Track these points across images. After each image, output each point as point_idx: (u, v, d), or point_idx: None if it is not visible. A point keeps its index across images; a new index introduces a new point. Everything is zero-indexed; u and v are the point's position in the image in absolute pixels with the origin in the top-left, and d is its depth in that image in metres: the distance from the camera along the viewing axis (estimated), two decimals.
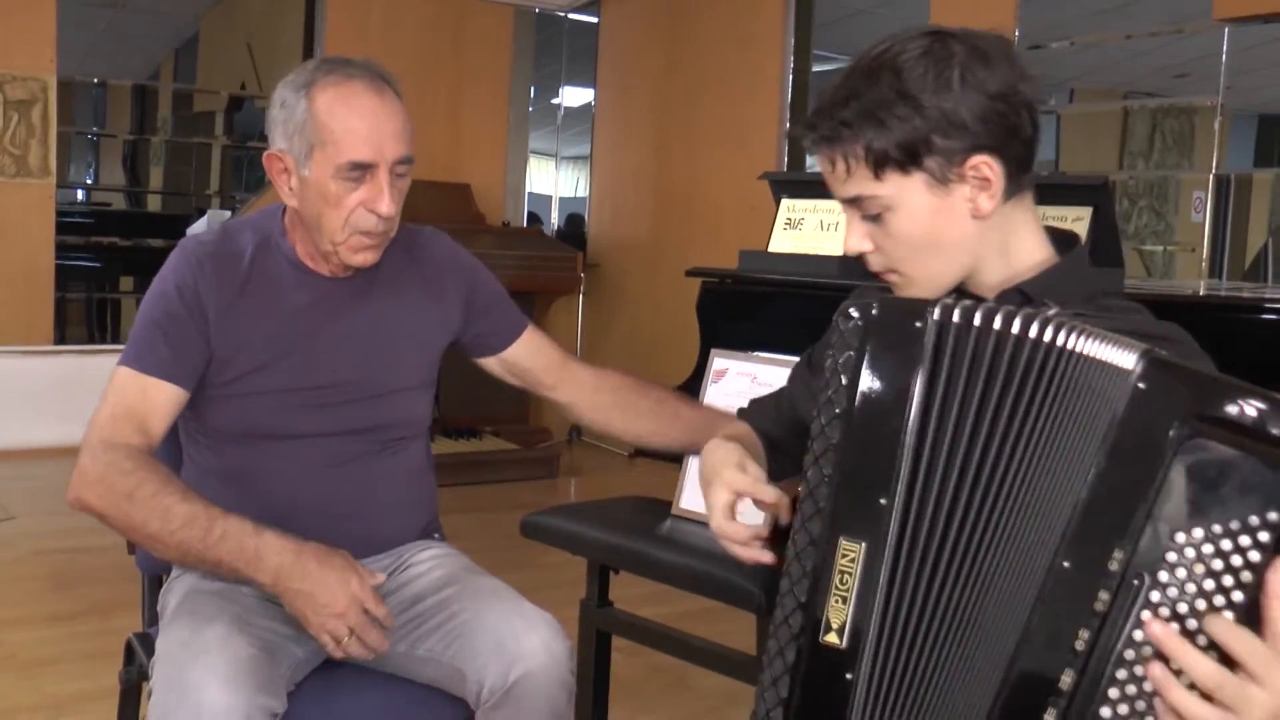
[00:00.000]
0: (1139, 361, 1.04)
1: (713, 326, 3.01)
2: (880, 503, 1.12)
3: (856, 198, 1.30)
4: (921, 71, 1.23)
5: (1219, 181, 4.51)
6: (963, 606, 1.10)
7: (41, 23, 5.90)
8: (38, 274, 6.00)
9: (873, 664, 1.13)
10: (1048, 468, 1.07)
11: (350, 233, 1.81)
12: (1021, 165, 1.28)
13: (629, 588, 2.51)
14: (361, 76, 1.79)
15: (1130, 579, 1.01)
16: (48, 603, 3.94)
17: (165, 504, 1.69)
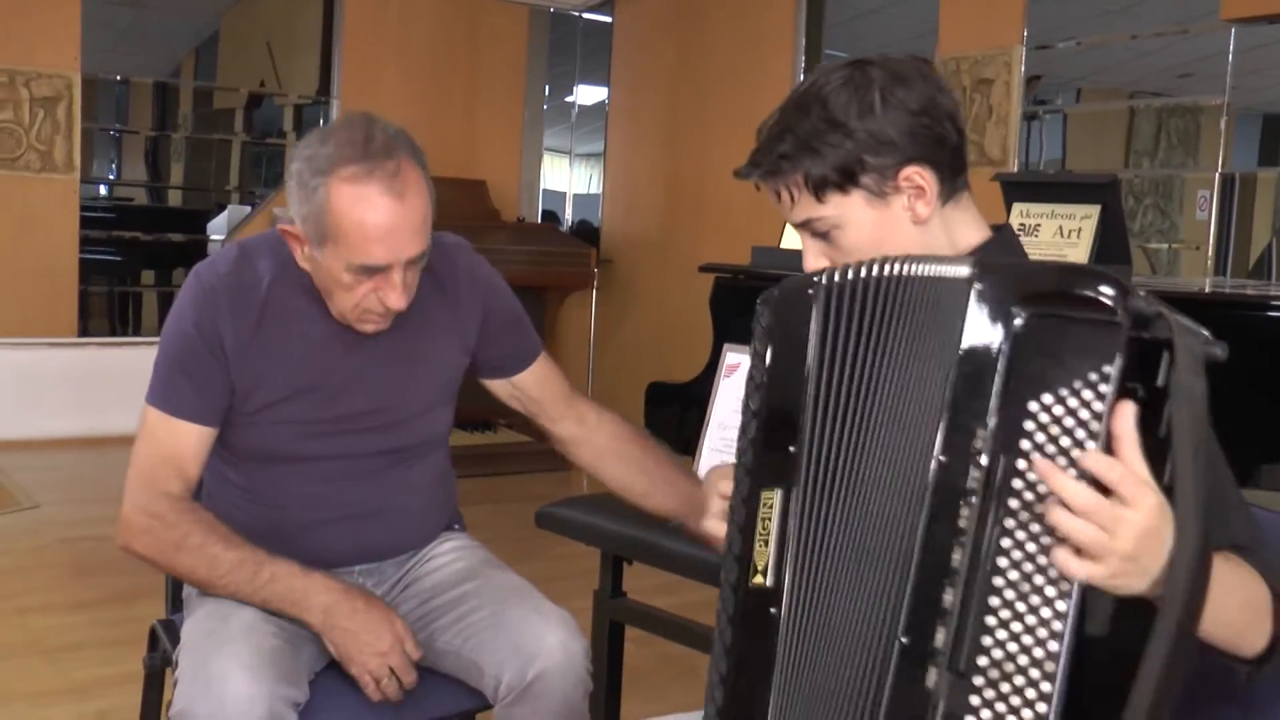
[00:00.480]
0: (972, 269, 1.14)
1: (725, 321, 3.01)
2: (790, 450, 1.21)
3: (805, 221, 1.38)
4: (845, 99, 1.32)
5: (1224, 180, 4.50)
6: (860, 520, 1.17)
7: (66, 21, 5.92)
8: (62, 268, 6.02)
9: (791, 596, 1.20)
10: (917, 380, 1.15)
11: (360, 311, 1.77)
12: (953, 169, 1.36)
13: (642, 578, 2.51)
14: (382, 172, 1.68)
15: (997, 454, 1.08)
16: (71, 590, 3.96)
17: (212, 553, 1.73)
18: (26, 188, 5.89)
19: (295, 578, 1.74)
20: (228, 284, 1.82)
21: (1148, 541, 1.02)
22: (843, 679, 1.15)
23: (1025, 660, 1.05)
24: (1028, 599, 1.05)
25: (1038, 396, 1.06)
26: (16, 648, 3.39)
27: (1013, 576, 1.06)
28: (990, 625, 1.06)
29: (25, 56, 5.84)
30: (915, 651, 1.10)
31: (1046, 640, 1.04)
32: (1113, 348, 1.03)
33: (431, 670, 1.84)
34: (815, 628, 1.17)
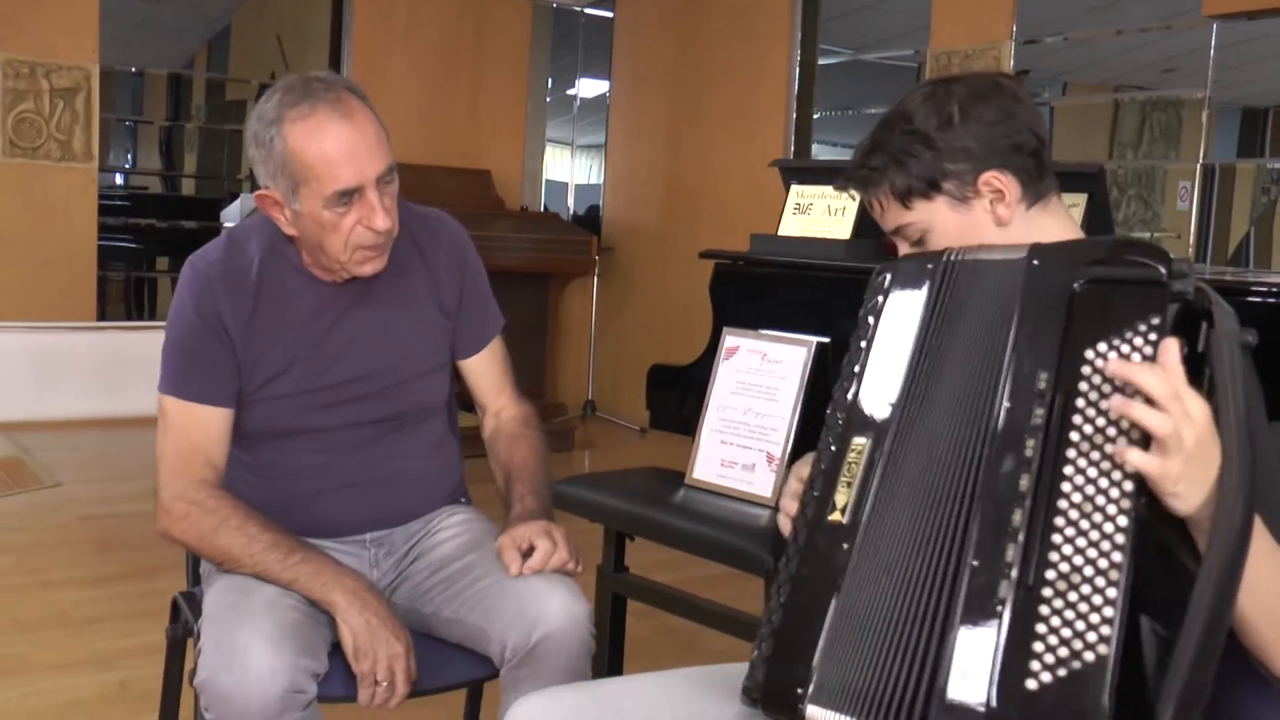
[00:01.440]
0: (1028, 251, 1.26)
1: (725, 306, 3.01)
2: (887, 405, 1.29)
3: (897, 228, 1.46)
4: (926, 113, 1.40)
5: (1205, 171, 4.50)
6: (932, 465, 1.22)
7: (84, 15, 5.91)
8: (81, 254, 6.02)
9: (865, 532, 1.24)
10: (986, 343, 1.24)
11: (353, 250, 1.79)
12: (1035, 174, 1.41)
13: (644, 555, 2.52)
14: (325, 102, 1.72)
15: (1057, 394, 1.16)
16: (93, 565, 3.96)
17: (250, 532, 1.76)
18: (47, 176, 5.89)
19: (326, 563, 1.75)
20: (221, 270, 1.85)
21: (1203, 448, 1.07)
22: (899, 605, 1.18)
23: (1091, 571, 1.09)
24: (1090, 517, 1.10)
25: (1094, 345, 1.15)
26: (42, 620, 3.40)
27: (1076, 499, 1.12)
28: (1056, 543, 1.11)
29: (46, 49, 5.83)
30: (985, 571, 1.14)
31: (1111, 553, 1.08)
32: (1160, 303, 1.13)
33: (442, 641, 1.85)
34: (879, 559, 1.21)
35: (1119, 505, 1.10)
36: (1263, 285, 2.17)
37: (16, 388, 5.73)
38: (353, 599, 1.71)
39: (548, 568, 1.77)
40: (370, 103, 1.80)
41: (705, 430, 2.41)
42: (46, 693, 2.92)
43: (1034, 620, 1.10)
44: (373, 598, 1.73)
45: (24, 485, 5.00)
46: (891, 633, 1.17)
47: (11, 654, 3.14)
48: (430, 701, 1.91)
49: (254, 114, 1.77)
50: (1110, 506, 1.10)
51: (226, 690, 1.58)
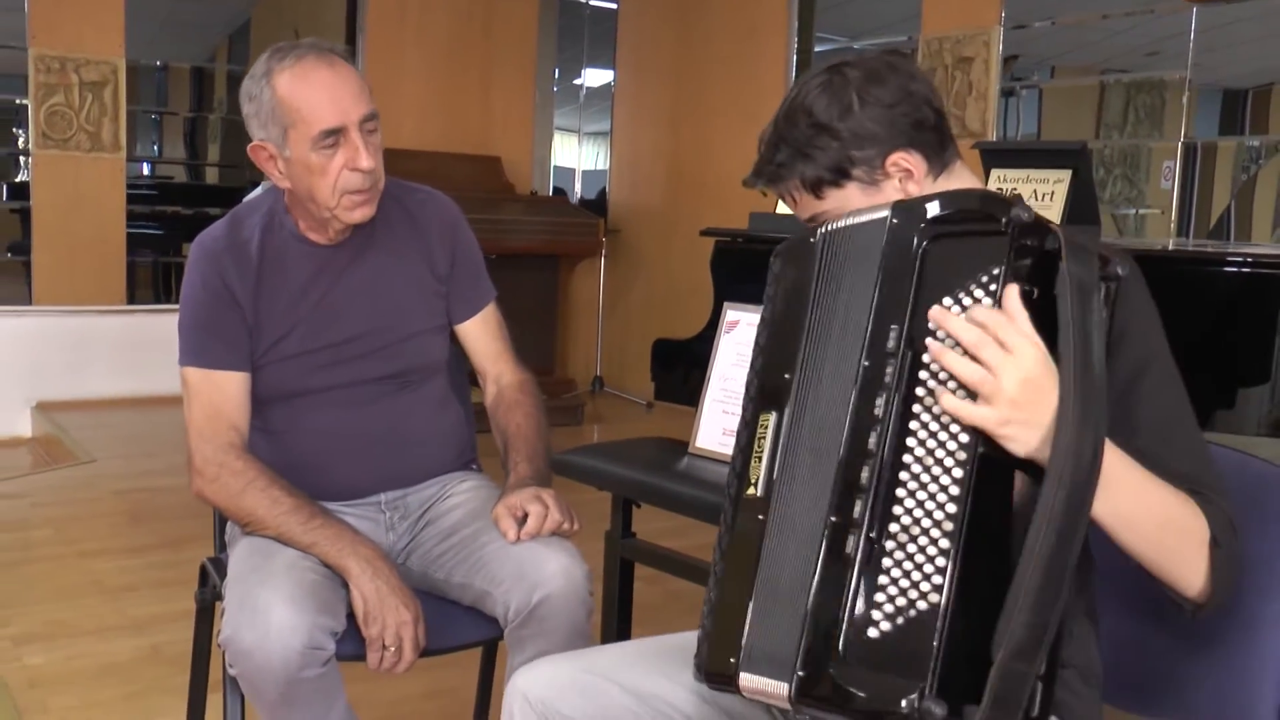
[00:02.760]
0: (890, 209, 1.22)
1: (725, 281, 3.01)
2: (785, 378, 1.27)
3: (812, 217, 1.41)
4: (826, 103, 1.35)
5: (1186, 150, 4.49)
6: (818, 428, 1.21)
7: (111, 11, 5.90)
8: (110, 240, 6.03)
9: (774, 503, 1.23)
10: (857, 305, 1.21)
11: (340, 194, 1.82)
12: (938, 146, 1.37)
13: (650, 522, 2.53)
14: (311, 53, 1.80)
15: (905, 351, 1.15)
16: (127, 536, 3.99)
17: (274, 494, 1.78)
18: (77, 166, 5.89)
19: (345, 530, 1.77)
20: (226, 244, 1.89)
21: (1030, 390, 1.07)
22: (797, 565, 1.18)
23: (928, 523, 1.09)
24: (930, 470, 1.10)
25: (939, 300, 1.14)
26: (80, 589, 3.43)
27: (919, 453, 1.11)
28: (899, 496, 1.11)
29: (75, 44, 5.82)
30: (839, 526, 1.14)
31: (946, 504, 1.08)
32: (1000, 251, 1.11)
33: (455, 604, 1.87)
34: (787, 527, 1.21)
35: (955, 457, 1.09)
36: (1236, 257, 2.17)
37: (52, 369, 5.75)
38: (366, 566, 1.72)
39: (543, 531, 1.77)
40: (352, 61, 1.86)
41: (707, 401, 2.42)
42: (86, 656, 2.95)
43: (878, 572, 1.10)
44: (385, 566, 1.74)
45: (61, 461, 5.03)
46: (795, 595, 1.17)
47: (53, 620, 3.17)
48: (449, 661, 1.92)
49: (245, 80, 1.84)
50: (948, 459, 1.10)
51: (249, 647, 1.60)
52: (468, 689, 2.36)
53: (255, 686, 1.64)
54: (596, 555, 2.54)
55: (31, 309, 5.81)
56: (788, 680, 1.15)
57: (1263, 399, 2.12)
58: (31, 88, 5.74)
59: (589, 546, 1.88)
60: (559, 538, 1.80)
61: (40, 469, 4.99)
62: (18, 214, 6.04)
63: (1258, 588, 1.28)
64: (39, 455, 5.25)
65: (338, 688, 1.70)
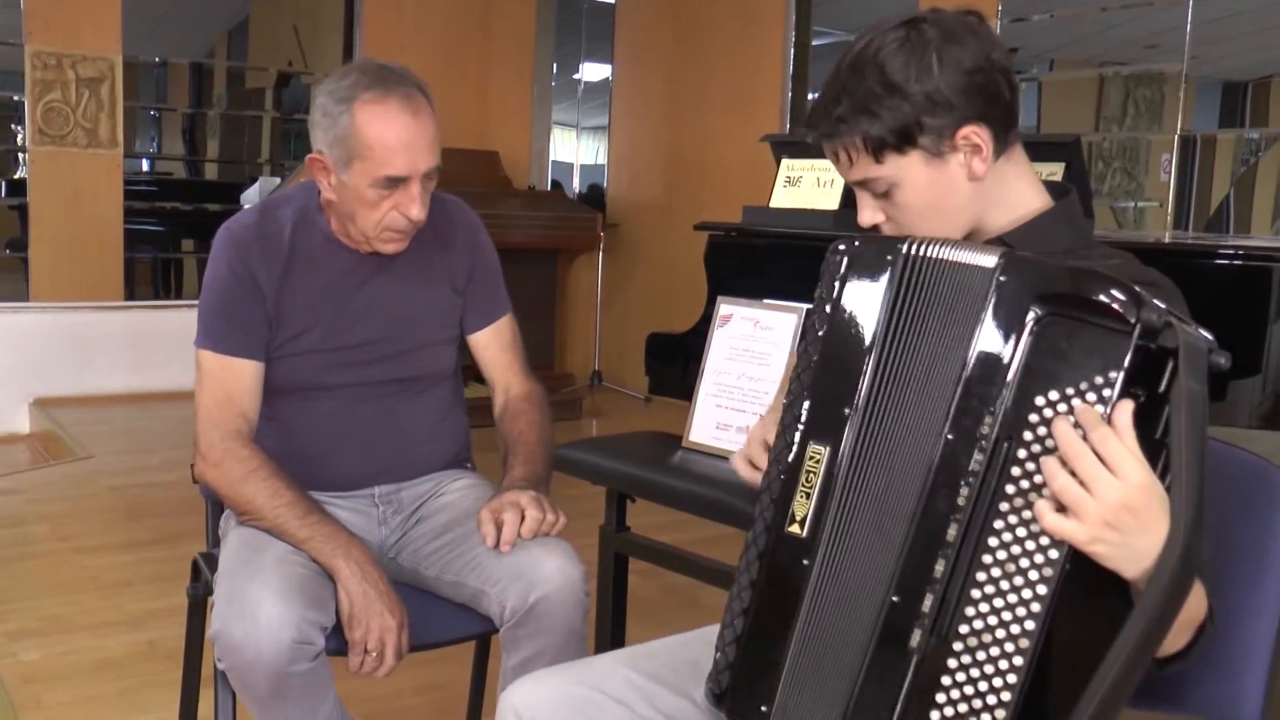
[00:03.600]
0: (999, 260, 1.11)
1: (719, 276, 3.01)
2: (844, 412, 1.17)
3: (863, 180, 1.32)
4: (902, 61, 1.24)
5: (1184, 142, 4.49)
6: (886, 487, 1.14)
7: (108, 7, 5.90)
8: (108, 237, 6.03)
9: (825, 551, 1.17)
10: (943, 360, 1.12)
11: (382, 229, 1.84)
12: (1007, 125, 1.29)
13: (645, 516, 2.53)
14: (398, 94, 1.79)
15: (1000, 441, 1.06)
16: (123, 532, 4.00)
17: (274, 485, 1.79)
18: (74, 163, 5.89)
19: (340, 530, 1.77)
20: (256, 233, 1.89)
21: (1127, 516, 1.00)
22: (849, 633, 1.14)
23: (1002, 634, 1.04)
24: (1012, 579, 1.05)
25: (1045, 393, 1.05)
26: (76, 584, 3.44)
27: (1000, 556, 1.05)
28: (974, 598, 1.06)
29: (71, 40, 5.82)
30: (903, 611, 1.10)
31: (1025, 619, 1.04)
32: (1120, 354, 1.02)
33: (448, 601, 1.87)
34: (838, 584, 1.16)
35: (1041, 572, 1.04)
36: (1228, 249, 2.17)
37: (50, 365, 5.75)
38: (355, 568, 1.71)
39: (524, 533, 1.77)
40: (433, 105, 1.85)
41: (701, 394, 2.42)
42: (81, 651, 2.96)
43: (941, 672, 1.07)
44: (375, 571, 1.74)
45: (58, 458, 5.04)
46: (842, 667, 1.13)
47: (49, 615, 3.18)
48: (441, 655, 1.93)
49: (324, 88, 1.82)
50: (1033, 572, 1.04)
51: (238, 640, 1.60)
52: (461, 683, 2.37)
53: (245, 680, 1.64)
54: (591, 550, 2.55)
55: (29, 305, 5.81)
56: None
57: (1254, 391, 2.12)
58: (28, 84, 5.74)
59: (584, 541, 1.88)
60: (556, 538, 1.81)
61: (38, 465, 4.99)
62: (15, 210, 6.05)
63: (1243, 579, 1.28)
64: (36, 451, 5.26)
65: (328, 682, 1.70)
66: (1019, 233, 1.31)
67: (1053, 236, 1.31)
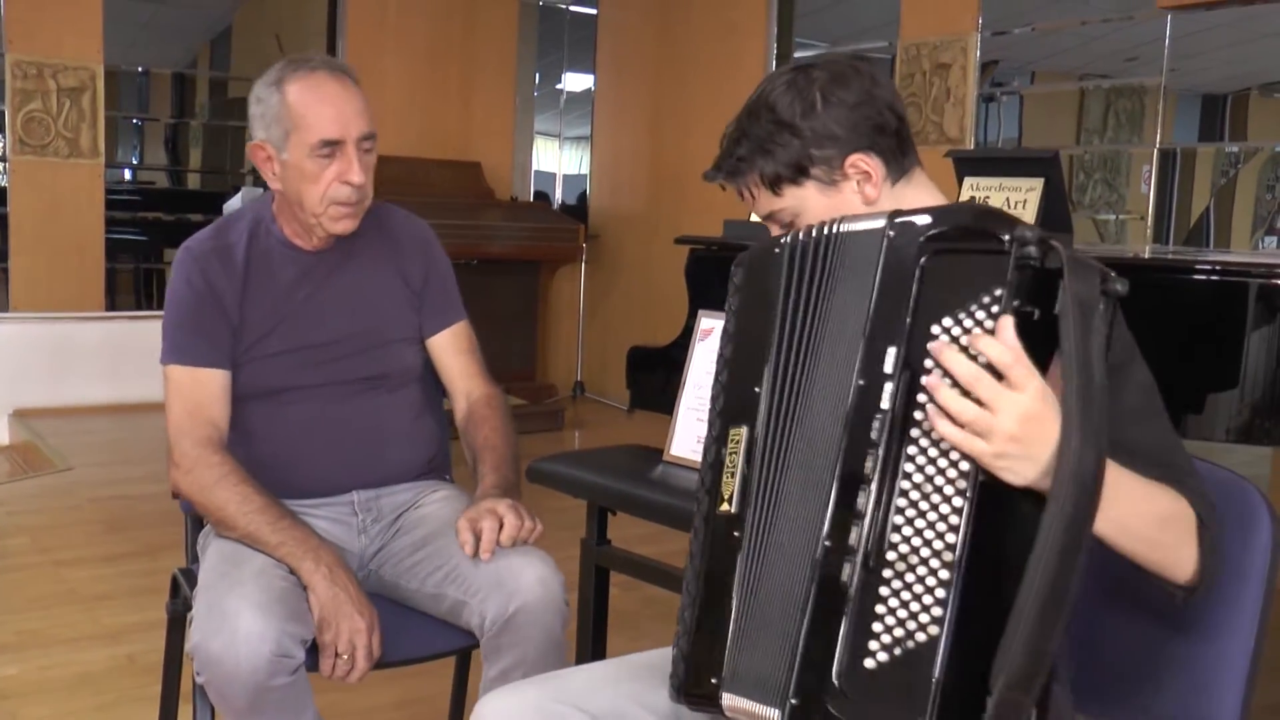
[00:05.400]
0: (885, 220, 1.19)
1: (700, 289, 3.01)
2: (754, 391, 1.24)
3: (769, 214, 1.41)
4: (789, 101, 1.36)
5: (1164, 156, 4.52)
6: (805, 446, 1.19)
7: (89, 16, 5.88)
8: (89, 247, 6.00)
9: (754, 518, 1.22)
10: (848, 319, 1.19)
11: (328, 204, 1.89)
12: (898, 151, 1.38)
13: (626, 529, 2.53)
14: (324, 68, 1.89)
15: (903, 373, 1.12)
16: (103, 544, 3.98)
17: (245, 491, 1.80)
18: (55, 173, 5.87)
19: (311, 535, 1.78)
20: (212, 246, 1.95)
21: (1031, 425, 1.05)
22: (787, 588, 1.17)
23: (927, 552, 1.08)
24: (929, 498, 1.09)
25: (939, 320, 1.11)
26: (54, 597, 3.42)
27: (917, 479, 1.10)
28: (897, 524, 1.09)
29: (52, 49, 5.80)
30: (834, 551, 1.13)
31: (945, 534, 1.07)
32: (1001, 272, 1.08)
33: (428, 615, 1.87)
34: (768, 545, 1.19)
35: (955, 485, 1.08)
36: (1206, 264, 2.18)
37: (30, 376, 5.72)
38: (325, 570, 1.73)
39: (503, 541, 1.78)
40: (359, 85, 1.94)
41: (682, 408, 2.42)
42: (59, 665, 2.94)
43: (874, 601, 1.09)
44: (344, 574, 1.75)
45: (38, 469, 5.01)
46: (784, 618, 1.16)
47: (26, 629, 3.16)
48: (421, 670, 1.92)
49: (256, 83, 1.92)
50: (948, 487, 1.08)
51: (217, 654, 1.60)
52: (441, 698, 2.36)
53: (223, 694, 1.64)
54: (572, 562, 2.54)
55: (9, 315, 5.78)
56: (778, 706, 1.14)
57: (1231, 404, 2.14)
58: (8, 94, 5.71)
59: (565, 553, 1.89)
60: (535, 548, 1.82)
61: (17, 477, 4.96)
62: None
63: (1222, 596, 1.29)
64: (15, 463, 5.22)
65: (307, 696, 1.70)
66: None
67: None
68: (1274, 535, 1.30)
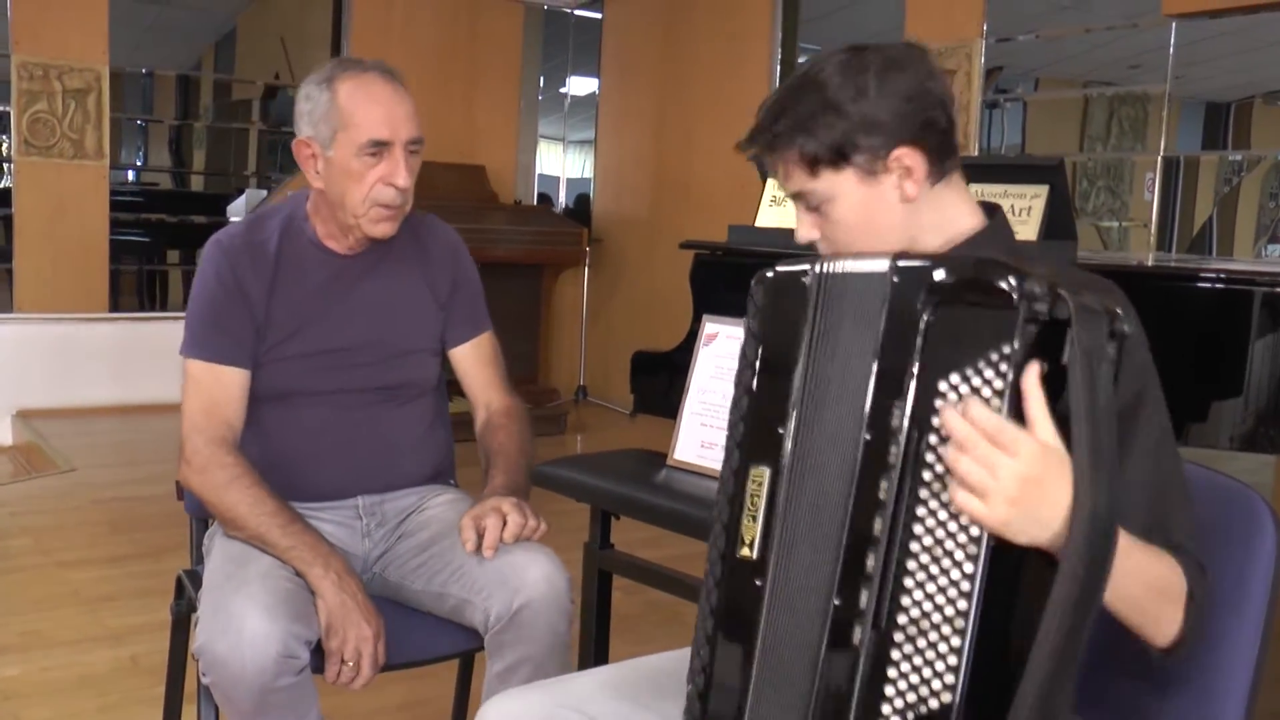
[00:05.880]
0: (889, 263, 1.16)
1: (704, 295, 3.02)
2: (779, 432, 1.21)
3: (799, 193, 1.35)
4: (840, 82, 1.29)
5: (1167, 163, 4.52)
6: (820, 498, 1.17)
7: (95, 18, 5.89)
8: (93, 248, 6.01)
9: (774, 569, 1.20)
10: (856, 367, 1.16)
11: (370, 205, 1.88)
12: (942, 152, 1.32)
13: (629, 532, 2.53)
14: (376, 70, 1.89)
15: (911, 430, 1.10)
16: (106, 546, 3.98)
17: (258, 494, 1.80)
18: (60, 174, 5.87)
19: (321, 541, 1.78)
20: (243, 242, 1.94)
21: (1030, 487, 1.03)
22: (803, 644, 1.16)
23: (938, 618, 1.06)
24: (940, 562, 1.07)
25: (946, 377, 1.09)
26: (58, 599, 3.42)
27: (927, 542, 1.08)
28: (908, 586, 1.08)
29: (58, 51, 5.81)
30: (845, 611, 1.12)
31: (957, 599, 1.06)
32: (1010, 328, 1.05)
33: (432, 616, 1.88)
34: (788, 596, 1.18)
35: (965, 550, 1.06)
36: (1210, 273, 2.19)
37: (34, 376, 5.72)
38: (333, 577, 1.73)
39: (507, 538, 1.78)
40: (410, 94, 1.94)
41: (686, 413, 2.42)
42: (62, 667, 2.94)
43: (886, 664, 1.08)
44: (352, 581, 1.75)
45: (41, 470, 5.01)
46: (798, 677, 1.16)
47: (30, 630, 3.16)
48: (425, 671, 1.93)
49: (305, 81, 1.92)
50: (958, 551, 1.07)
51: (223, 655, 1.60)
52: (444, 699, 2.36)
53: (229, 695, 1.64)
54: (575, 566, 2.54)
55: (13, 316, 5.79)
56: None
57: (1235, 412, 2.14)
58: (14, 95, 5.72)
59: (568, 557, 1.89)
60: (540, 545, 1.82)
61: (20, 478, 4.96)
62: (0, 221, 6.03)
63: (1225, 604, 1.29)
64: (19, 464, 5.23)
65: (312, 698, 1.70)
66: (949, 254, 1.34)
67: None
68: (1278, 543, 1.30)
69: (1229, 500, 1.33)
